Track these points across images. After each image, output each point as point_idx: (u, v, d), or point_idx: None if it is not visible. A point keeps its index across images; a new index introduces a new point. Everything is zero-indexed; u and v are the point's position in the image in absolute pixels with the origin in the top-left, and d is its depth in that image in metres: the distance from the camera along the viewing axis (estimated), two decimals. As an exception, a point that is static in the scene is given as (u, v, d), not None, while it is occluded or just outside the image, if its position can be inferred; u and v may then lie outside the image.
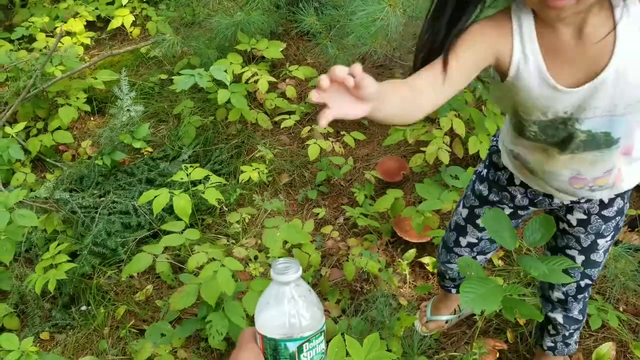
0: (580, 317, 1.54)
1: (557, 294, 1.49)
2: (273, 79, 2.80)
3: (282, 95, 2.90)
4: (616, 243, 1.96)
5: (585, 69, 1.03)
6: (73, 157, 2.87)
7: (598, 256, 1.38)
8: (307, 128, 2.65)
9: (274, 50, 2.92)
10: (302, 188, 2.55)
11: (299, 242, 2.03)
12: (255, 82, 2.73)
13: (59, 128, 2.88)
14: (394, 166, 2.51)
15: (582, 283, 1.42)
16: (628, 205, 1.35)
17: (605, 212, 1.32)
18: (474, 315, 1.89)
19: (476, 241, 1.55)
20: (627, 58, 0.99)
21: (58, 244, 2.11)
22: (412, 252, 2.10)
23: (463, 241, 1.57)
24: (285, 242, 2.20)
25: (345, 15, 2.68)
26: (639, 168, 1.25)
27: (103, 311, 2.09)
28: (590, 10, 0.97)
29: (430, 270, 2.09)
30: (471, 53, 1.05)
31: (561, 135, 1.14)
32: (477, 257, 1.61)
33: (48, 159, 2.83)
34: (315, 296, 1.27)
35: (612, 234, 1.36)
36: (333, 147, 2.53)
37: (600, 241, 1.36)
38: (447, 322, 1.88)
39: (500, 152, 1.39)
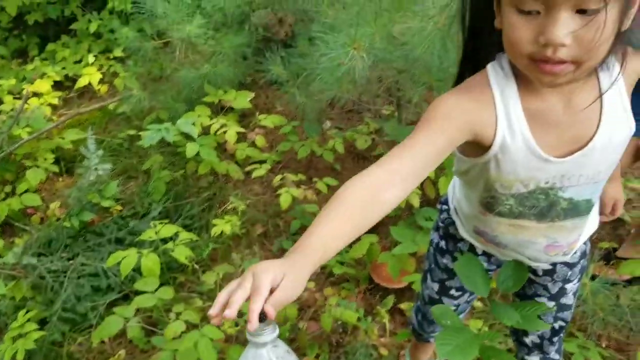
0: (557, 357, 1.50)
1: (532, 338, 1.45)
2: (242, 129, 2.79)
3: (253, 144, 2.89)
4: (593, 277, 1.94)
5: (574, 137, 0.97)
6: (42, 220, 2.81)
7: (568, 299, 1.35)
8: (279, 176, 2.62)
9: (242, 100, 2.92)
10: (276, 238, 2.51)
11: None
12: (224, 133, 2.71)
13: (27, 191, 2.83)
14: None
15: (557, 325, 1.39)
16: (589, 244, 1.34)
17: (569, 259, 1.28)
18: None
19: (454, 308, 1.51)
20: (614, 123, 0.96)
21: (27, 312, 2.04)
22: (390, 298, 2.06)
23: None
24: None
25: (311, 62, 2.70)
26: (593, 222, 1.23)
27: (74, 381, 2.00)
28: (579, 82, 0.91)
29: (409, 316, 2.05)
30: (447, 136, 0.94)
31: (541, 205, 1.08)
32: (460, 307, 1.57)
33: (16, 223, 2.76)
34: (295, 357, 1.21)
35: (578, 276, 1.34)
36: (306, 195, 2.51)
37: (568, 285, 1.33)
38: (428, 368, 1.83)
39: (457, 225, 1.31)
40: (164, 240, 2.12)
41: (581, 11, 0.77)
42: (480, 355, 1.15)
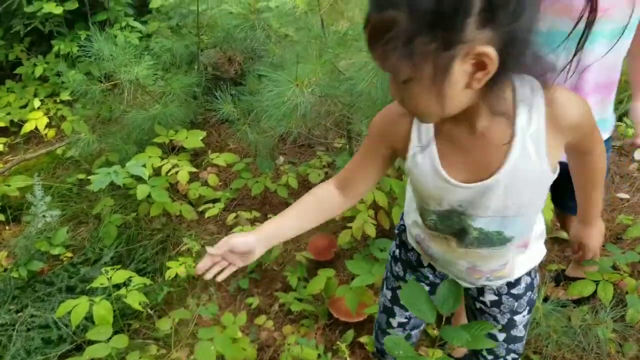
0: None
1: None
2: (194, 169, 2.77)
3: (205, 183, 2.87)
4: (545, 299, 1.99)
5: (479, 167, 1.01)
6: (-13, 271, 2.70)
7: (519, 331, 1.37)
8: (233, 215, 2.61)
9: (193, 139, 2.90)
10: (233, 278, 2.48)
11: (233, 337, 1.95)
12: (176, 173, 2.69)
13: (-30, 242, 2.72)
14: (324, 244, 2.49)
15: (509, 358, 1.40)
16: (538, 277, 1.37)
17: (514, 291, 1.32)
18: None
19: (406, 320, 1.53)
20: (520, 162, 0.97)
21: (-29, 372, 1.95)
22: (350, 333, 2.06)
23: (394, 322, 1.54)
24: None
25: (260, 99, 2.72)
26: (530, 256, 1.28)
27: None
28: (480, 112, 0.94)
29: (370, 350, 2.04)
30: (377, 152, 1.13)
31: (456, 228, 1.13)
32: (412, 332, 1.58)
33: (-40, 276, 2.65)
34: None
35: (526, 308, 1.36)
36: (261, 232, 2.49)
37: (517, 317, 1.35)
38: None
39: (406, 231, 1.38)
40: (117, 286, 2.06)
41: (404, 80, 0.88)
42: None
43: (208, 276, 1.14)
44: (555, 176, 1.02)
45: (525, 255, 1.24)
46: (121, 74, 2.86)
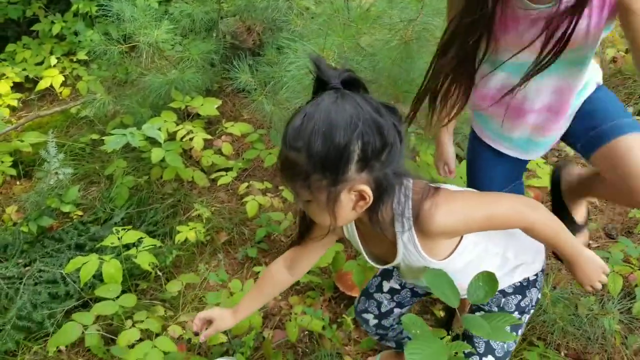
0: None
1: None
2: (209, 136, 2.76)
3: (219, 152, 2.86)
4: (554, 288, 1.99)
5: (385, 252, 1.27)
6: (-3, 224, 2.72)
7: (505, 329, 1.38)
8: (245, 184, 2.61)
9: (209, 107, 2.89)
10: (241, 246, 2.49)
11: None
12: (191, 139, 2.68)
13: (-19, 194, 2.74)
14: (334, 219, 2.49)
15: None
16: (533, 291, 1.38)
17: (503, 287, 1.37)
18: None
19: (399, 287, 1.55)
20: (407, 255, 1.23)
21: (-22, 320, 1.97)
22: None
23: (386, 285, 1.56)
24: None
25: (279, 71, 2.70)
26: (507, 278, 1.35)
27: (28, 391, 1.93)
28: (372, 217, 1.14)
29: (375, 325, 2.05)
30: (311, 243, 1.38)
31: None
32: (395, 309, 1.59)
33: (-31, 227, 2.67)
34: None
35: (515, 311, 1.37)
36: (272, 203, 2.50)
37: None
38: (394, 378, 1.84)
39: None
40: (127, 247, 2.07)
41: None
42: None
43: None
44: (453, 258, 1.24)
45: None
46: (140, 36, 2.84)
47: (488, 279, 1.18)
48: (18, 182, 2.99)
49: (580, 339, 1.92)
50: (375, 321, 1.60)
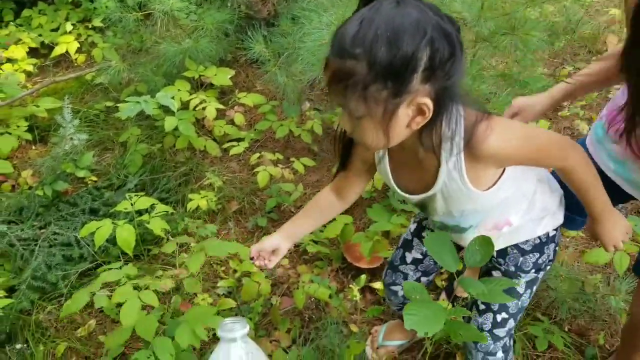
0: (500, 355, 1.50)
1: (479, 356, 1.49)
2: (221, 106, 2.78)
3: (231, 122, 2.88)
4: (561, 264, 2.00)
5: (421, 182, 1.21)
6: (13, 188, 2.76)
7: (519, 287, 1.39)
8: (257, 155, 2.63)
9: (222, 77, 2.90)
10: (252, 215, 2.52)
11: (248, 271, 2.01)
12: (203, 109, 2.70)
13: (-3, 157, 2.78)
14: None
15: (499, 317, 1.41)
16: (552, 247, 1.38)
17: (521, 245, 1.36)
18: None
19: (421, 257, 1.57)
20: (448, 183, 1.16)
21: (-6, 279, 2.02)
22: (362, 277, 2.09)
23: (409, 257, 1.57)
24: (235, 271, 2.16)
25: (293, 42, 2.69)
26: (524, 228, 1.33)
27: (42, 349, 1.99)
28: (417, 144, 1.10)
29: (381, 296, 2.08)
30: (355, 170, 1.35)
31: (422, 215, 1.36)
32: (421, 278, 1.61)
33: (-14, 190, 2.72)
34: (264, 356, 1.24)
35: (532, 270, 1.37)
36: (283, 174, 2.52)
37: (521, 274, 1.38)
38: (398, 347, 1.87)
39: None
40: (139, 213, 2.10)
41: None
42: (447, 328, 1.19)
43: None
44: (491, 191, 1.18)
45: (514, 228, 1.31)
46: (155, 4, 2.84)
47: (484, 242, 1.20)
48: (34, 147, 3.03)
49: (585, 316, 1.94)
50: (403, 292, 1.60)
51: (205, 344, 1.83)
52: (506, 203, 1.25)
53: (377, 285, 2.10)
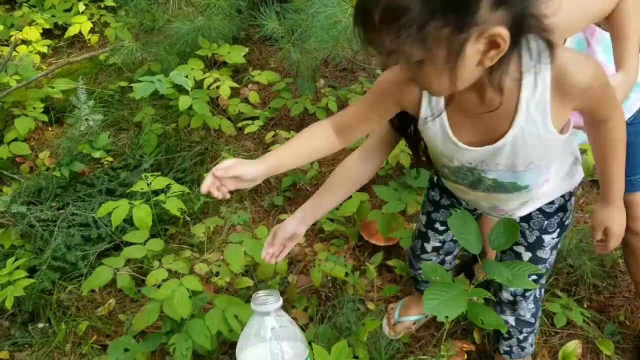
0: (533, 321, 1.53)
1: (505, 295, 1.49)
2: (235, 85, 2.76)
3: (246, 100, 2.86)
4: (580, 241, 1.98)
5: (487, 131, 1.05)
6: (31, 169, 2.79)
7: (544, 253, 1.38)
8: (271, 133, 2.62)
9: (236, 55, 2.88)
10: (267, 194, 2.52)
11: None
12: (217, 87, 2.68)
13: (15, 139, 2.79)
14: (360, 169, 2.49)
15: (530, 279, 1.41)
16: (573, 201, 1.36)
17: (545, 208, 1.33)
18: (442, 316, 1.88)
19: (440, 244, 1.56)
20: (526, 128, 1.01)
21: (15, 259, 2.05)
22: (379, 255, 2.09)
23: (428, 246, 1.57)
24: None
25: (306, 19, 2.66)
26: (559, 185, 1.28)
27: (64, 327, 2.02)
28: (488, 85, 0.96)
29: (398, 273, 2.08)
30: (382, 109, 1.16)
31: (470, 180, 1.20)
32: (445, 258, 1.61)
33: (5, 172, 2.74)
34: (297, 328, 1.24)
35: (557, 230, 1.35)
36: (298, 152, 2.50)
37: (546, 237, 1.36)
38: (415, 322, 1.87)
39: None
40: (155, 193, 2.11)
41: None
42: (467, 311, 1.18)
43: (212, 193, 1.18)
44: (566, 135, 1.07)
45: (550, 186, 1.24)
46: (167, -19, 2.82)
47: (508, 225, 1.19)
48: (50, 128, 3.05)
49: (605, 293, 1.93)
50: None
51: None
52: (563, 155, 1.19)
53: (393, 263, 2.10)
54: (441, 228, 1.53)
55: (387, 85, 1.11)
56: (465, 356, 1.72)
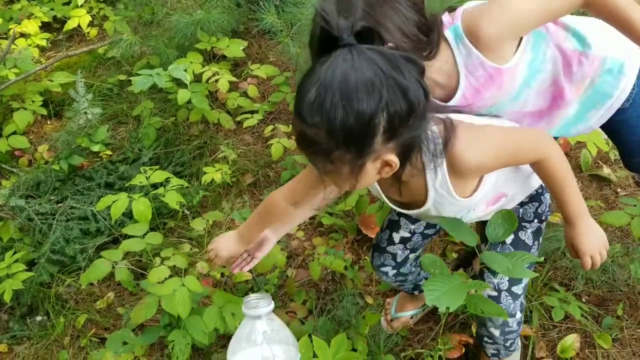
0: (517, 328, 1.50)
1: (488, 292, 1.47)
2: (234, 79, 2.76)
3: (245, 94, 2.86)
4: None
5: (412, 198, 1.25)
6: (29, 163, 2.79)
7: (527, 237, 1.40)
8: (270, 127, 2.62)
9: (235, 48, 2.87)
10: (266, 188, 2.52)
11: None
12: (216, 81, 2.68)
13: (14, 133, 2.79)
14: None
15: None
16: (547, 196, 1.41)
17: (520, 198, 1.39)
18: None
19: (409, 235, 1.56)
20: (438, 198, 1.20)
21: (14, 253, 2.05)
22: (377, 249, 2.09)
23: (396, 237, 1.56)
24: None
25: (306, 11, 2.65)
26: (519, 191, 1.36)
27: (63, 320, 2.03)
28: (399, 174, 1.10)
29: (396, 267, 2.08)
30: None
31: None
32: (409, 255, 1.60)
33: (3, 165, 2.74)
34: (289, 332, 1.24)
35: (535, 219, 1.40)
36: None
37: (524, 223, 1.40)
38: (412, 317, 1.87)
39: None
40: (155, 186, 2.11)
41: None
42: (466, 302, 1.18)
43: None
44: (476, 196, 1.22)
45: (509, 198, 1.34)
46: (166, -26, 2.81)
47: (507, 216, 1.19)
48: (49, 122, 3.04)
49: (603, 287, 1.93)
50: (394, 271, 1.62)
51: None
52: (495, 187, 1.27)
53: (393, 256, 2.10)
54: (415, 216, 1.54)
55: None
56: (463, 349, 1.72)
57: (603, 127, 1.50)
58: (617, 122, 1.44)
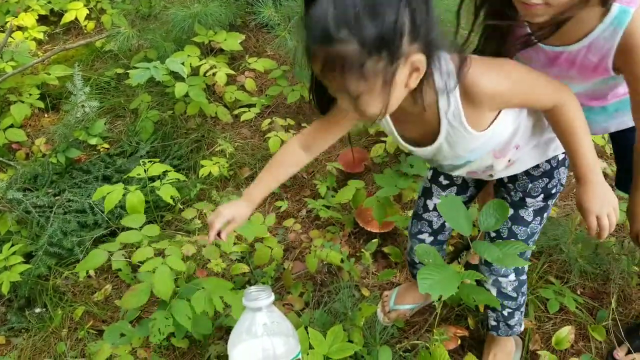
0: (514, 295, 1.54)
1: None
2: (232, 72, 2.76)
3: (242, 88, 2.86)
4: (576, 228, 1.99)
5: (425, 135, 1.24)
6: (27, 156, 2.79)
7: (527, 214, 1.43)
8: (268, 120, 2.62)
9: (232, 42, 2.87)
10: (263, 181, 2.52)
11: (260, 237, 2.02)
12: (214, 74, 2.68)
13: (11, 126, 2.79)
14: (356, 157, 2.50)
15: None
16: (562, 171, 1.41)
17: (531, 171, 1.40)
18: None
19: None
20: (450, 130, 1.20)
21: (12, 245, 2.05)
22: (374, 242, 2.10)
23: (430, 204, 1.58)
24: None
25: (302, 5, 2.65)
26: (532, 153, 1.36)
27: (60, 313, 2.04)
28: (417, 96, 1.11)
29: (393, 260, 2.09)
30: (335, 124, 1.33)
31: (433, 164, 1.44)
32: (445, 223, 1.61)
33: (1, 158, 2.74)
34: (289, 324, 1.25)
35: (541, 195, 1.42)
36: (294, 139, 2.50)
37: (529, 200, 1.42)
38: (410, 310, 1.88)
39: None
40: (152, 179, 2.11)
41: None
42: (459, 291, 1.19)
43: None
44: (490, 131, 1.21)
45: (522, 152, 1.33)
46: (163, -32, 2.81)
47: (499, 206, 1.20)
48: (46, 115, 3.04)
49: (598, 279, 1.94)
50: (431, 238, 1.63)
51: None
52: (514, 135, 1.27)
53: (389, 249, 2.11)
54: (445, 182, 1.55)
55: None
56: (459, 341, 1.73)
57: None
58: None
